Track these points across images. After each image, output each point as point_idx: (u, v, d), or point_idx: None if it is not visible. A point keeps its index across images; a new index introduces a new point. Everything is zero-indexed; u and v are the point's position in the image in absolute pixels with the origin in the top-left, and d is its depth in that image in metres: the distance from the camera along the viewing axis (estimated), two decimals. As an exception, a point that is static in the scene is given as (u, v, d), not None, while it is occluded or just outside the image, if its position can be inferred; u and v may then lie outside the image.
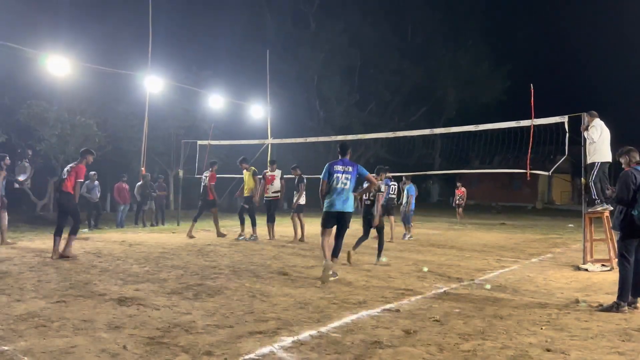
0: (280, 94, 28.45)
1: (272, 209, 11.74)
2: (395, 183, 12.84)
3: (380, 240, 8.55)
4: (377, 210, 8.25)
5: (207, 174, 12.26)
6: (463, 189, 19.05)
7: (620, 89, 46.16)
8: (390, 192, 12.00)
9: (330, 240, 7.08)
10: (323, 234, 7.16)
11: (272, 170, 11.76)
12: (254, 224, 11.63)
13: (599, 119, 8.31)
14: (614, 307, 5.29)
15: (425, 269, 6.95)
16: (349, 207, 7.06)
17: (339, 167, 7.05)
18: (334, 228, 7.10)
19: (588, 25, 53.41)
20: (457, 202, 19.26)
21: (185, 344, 3.96)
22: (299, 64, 33.35)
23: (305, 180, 11.69)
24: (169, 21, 27.14)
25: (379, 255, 8.52)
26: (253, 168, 11.78)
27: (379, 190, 8.17)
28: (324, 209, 7.12)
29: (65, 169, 8.99)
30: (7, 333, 4.13)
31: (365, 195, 8.31)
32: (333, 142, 29.05)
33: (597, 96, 41.19)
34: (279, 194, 11.81)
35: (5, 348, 3.76)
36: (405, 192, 13.22)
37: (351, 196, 7.08)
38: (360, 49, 34.80)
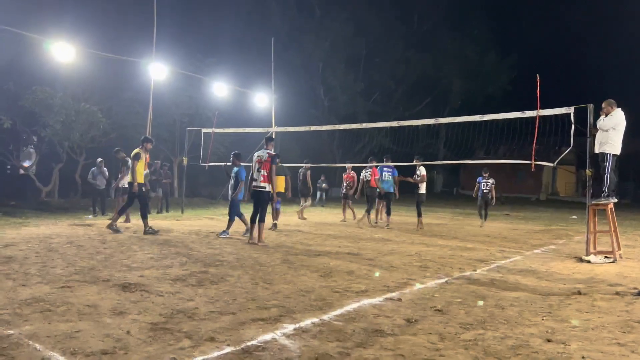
0: (285, 82, 28.37)
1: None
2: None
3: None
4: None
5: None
6: (352, 173, 15.32)
7: (629, 80, 45.79)
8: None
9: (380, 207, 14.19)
10: (378, 204, 14.13)
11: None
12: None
13: (619, 110, 8.11)
14: None
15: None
16: (390, 189, 13.41)
17: (386, 168, 13.36)
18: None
19: (596, 15, 52.89)
20: (345, 190, 15.29)
21: (188, 330, 4.00)
22: (303, 52, 33.20)
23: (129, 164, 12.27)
24: (174, 8, 27.03)
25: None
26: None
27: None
28: (378, 190, 13.57)
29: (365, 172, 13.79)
30: (13, 317, 4.17)
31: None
32: (337, 130, 29.12)
33: (605, 87, 40.87)
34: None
35: (11, 332, 3.80)
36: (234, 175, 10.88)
37: (392, 183, 13.39)
38: (365, 37, 34.59)
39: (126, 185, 12.53)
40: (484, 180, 14.89)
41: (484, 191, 14.77)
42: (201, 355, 3.46)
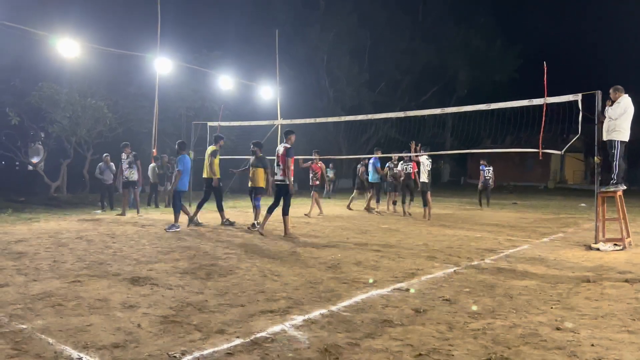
0: (290, 74, 28.33)
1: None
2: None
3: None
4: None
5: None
6: (320, 163, 13.90)
7: (637, 66, 45.27)
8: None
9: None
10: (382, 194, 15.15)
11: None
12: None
13: (626, 96, 8.04)
14: None
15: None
16: (375, 179, 14.48)
17: (368, 161, 14.62)
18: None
19: (603, 1, 52.25)
20: (311, 182, 13.81)
21: (198, 322, 4.03)
22: (308, 44, 33.08)
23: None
24: (178, 2, 27.02)
25: None
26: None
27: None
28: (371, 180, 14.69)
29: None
30: (25, 312, 4.22)
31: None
32: (343, 122, 29.08)
33: (613, 73, 40.46)
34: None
35: (23, 326, 3.85)
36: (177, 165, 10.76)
37: (375, 173, 14.31)
38: (369, 28, 34.40)
39: (134, 179, 13.14)
40: (486, 168, 16.72)
41: (486, 178, 16.80)
42: (211, 347, 3.49)
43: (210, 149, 11.12)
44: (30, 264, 6.16)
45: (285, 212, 9.26)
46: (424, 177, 13.17)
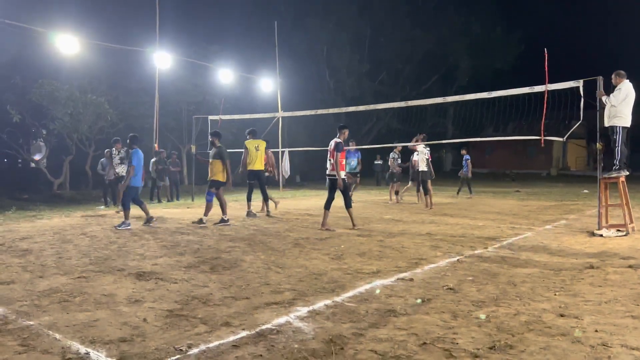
0: (290, 66, 28.24)
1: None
2: None
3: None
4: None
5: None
6: (269, 152, 12.46)
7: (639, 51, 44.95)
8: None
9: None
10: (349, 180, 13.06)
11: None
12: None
13: (627, 81, 8.01)
14: None
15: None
16: (350, 169, 14.49)
17: (349, 153, 14.10)
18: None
19: (604, -15, 51.83)
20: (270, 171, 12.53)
21: (204, 315, 4.05)
22: (308, 35, 32.94)
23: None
24: (176, -4, 26.89)
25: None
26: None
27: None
28: (347, 170, 13.47)
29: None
30: (32, 308, 4.25)
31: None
32: (344, 113, 29.02)
33: (614, 59, 40.20)
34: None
35: (31, 323, 3.87)
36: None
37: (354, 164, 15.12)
38: (369, 17, 34.21)
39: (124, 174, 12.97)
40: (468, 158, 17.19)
41: (470, 167, 17.25)
42: (217, 340, 3.52)
43: (262, 142, 11.51)
44: (36, 261, 6.20)
45: (348, 205, 9.33)
46: (422, 166, 13.28)
